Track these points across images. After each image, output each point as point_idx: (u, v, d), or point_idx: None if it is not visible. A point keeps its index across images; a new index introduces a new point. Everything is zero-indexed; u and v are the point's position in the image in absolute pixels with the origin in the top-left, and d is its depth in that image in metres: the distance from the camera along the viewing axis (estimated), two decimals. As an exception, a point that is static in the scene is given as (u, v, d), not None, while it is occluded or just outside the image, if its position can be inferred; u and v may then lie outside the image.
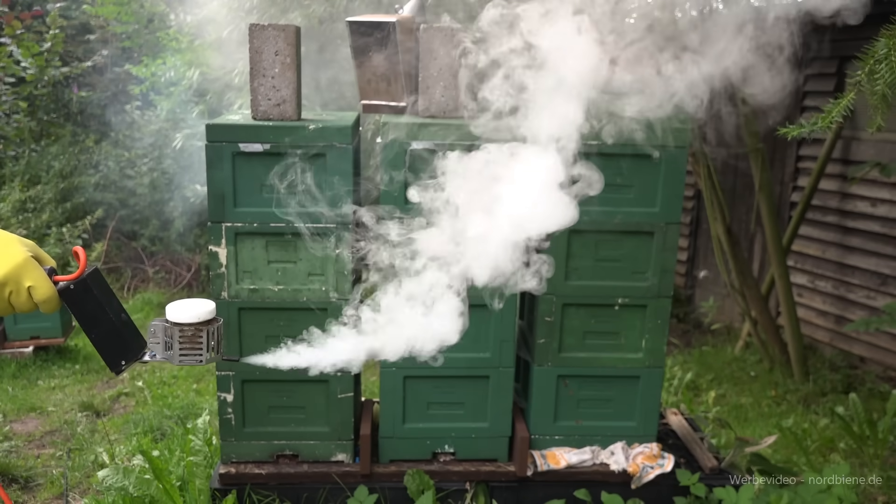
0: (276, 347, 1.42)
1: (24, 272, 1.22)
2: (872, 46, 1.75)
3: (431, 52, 2.47)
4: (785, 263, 4.38)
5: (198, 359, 1.35)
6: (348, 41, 2.61)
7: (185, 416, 3.61)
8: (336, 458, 2.59)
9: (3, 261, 1.21)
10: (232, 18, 4.80)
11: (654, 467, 2.57)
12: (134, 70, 7.66)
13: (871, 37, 1.77)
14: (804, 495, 2.41)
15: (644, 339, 2.59)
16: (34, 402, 3.89)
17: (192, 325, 1.34)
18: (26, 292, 1.24)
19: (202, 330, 1.34)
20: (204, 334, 1.34)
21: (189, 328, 1.34)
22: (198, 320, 1.34)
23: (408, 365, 2.56)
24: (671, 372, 4.36)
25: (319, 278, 2.45)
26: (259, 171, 2.37)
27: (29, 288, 1.24)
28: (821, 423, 3.72)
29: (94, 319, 1.31)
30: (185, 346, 1.34)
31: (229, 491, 2.50)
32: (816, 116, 1.80)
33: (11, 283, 1.22)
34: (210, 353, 1.35)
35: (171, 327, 1.34)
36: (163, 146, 7.30)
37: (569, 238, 2.50)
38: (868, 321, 3.52)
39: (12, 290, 1.23)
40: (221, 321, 1.39)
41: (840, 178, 4.58)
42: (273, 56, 2.38)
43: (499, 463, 2.62)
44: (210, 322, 1.35)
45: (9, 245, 1.23)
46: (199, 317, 1.34)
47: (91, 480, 3.06)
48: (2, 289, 1.22)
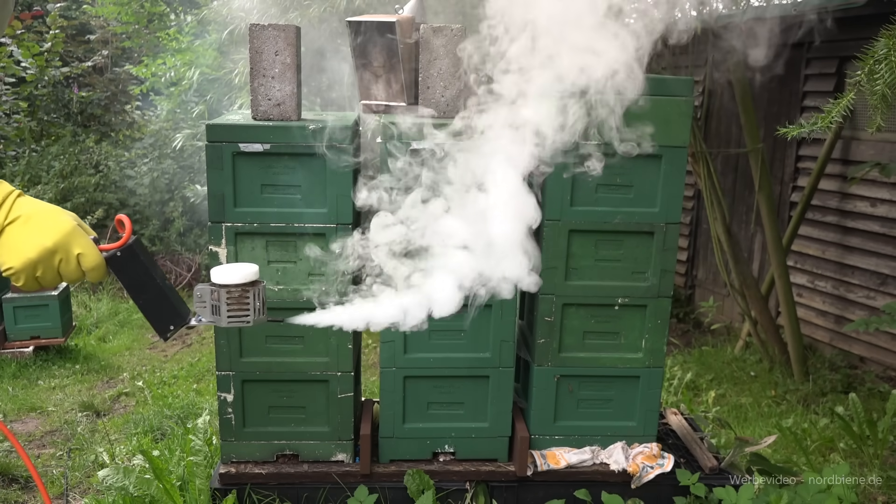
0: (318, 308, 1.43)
1: (73, 240, 1.25)
2: (872, 46, 1.75)
3: (431, 52, 2.47)
4: (785, 263, 4.39)
5: (245, 319, 1.36)
6: (348, 41, 2.62)
7: (185, 416, 3.61)
8: (336, 458, 2.59)
9: (53, 229, 1.23)
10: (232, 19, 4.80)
11: (654, 467, 2.57)
12: (134, 70, 7.66)
13: (871, 37, 1.77)
14: (804, 495, 2.41)
15: (644, 339, 2.59)
16: (34, 402, 3.90)
17: (238, 287, 1.35)
18: (75, 260, 1.25)
19: (248, 291, 1.35)
20: (250, 295, 1.35)
21: (236, 289, 1.35)
22: (244, 281, 1.35)
23: (408, 365, 2.56)
24: (671, 372, 4.36)
25: (319, 278, 2.45)
26: (259, 171, 2.37)
27: (78, 256, 1.25)
28: (821, 423, 3.72)
29: (141, 286, 1.33)
30: (233, 307, 1.35)
31: (229, 491, 2.50)
32: (816, 116, 1.80)
33: (61, 250, 1.24)
34: (256, 313, 1.37)
35: (218, 290, 1.35)
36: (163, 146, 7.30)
37: (569, 238, 2.50)
38: (868, 321, 3.52)
39: (62, 258, 1.25)
40: (265, 283, 1.39)
41: (840, 178, 4.58)
42: (273, 56, 2.38)
43: (499, 463, 2.62)
44: (255, 283, 1.37)
45: (57, 215, 1.25)
46: (245, 278, 1.35)
47: (91, 480, 3.06)
48: (52, 256, 1.23)
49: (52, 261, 1.25)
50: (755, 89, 5.16)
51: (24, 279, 1.26)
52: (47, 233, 1.24)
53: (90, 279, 1.29)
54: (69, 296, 4.71)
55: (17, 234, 1.23)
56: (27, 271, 1.24)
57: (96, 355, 4.69)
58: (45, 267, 1.25)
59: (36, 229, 1.23)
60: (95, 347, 4.87)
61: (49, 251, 1.23)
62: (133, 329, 5.34)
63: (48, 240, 1.23)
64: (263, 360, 2.51)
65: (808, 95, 4.81)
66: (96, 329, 5.28)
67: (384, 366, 2.54)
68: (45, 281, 1.27)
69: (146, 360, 4.75)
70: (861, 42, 1.80)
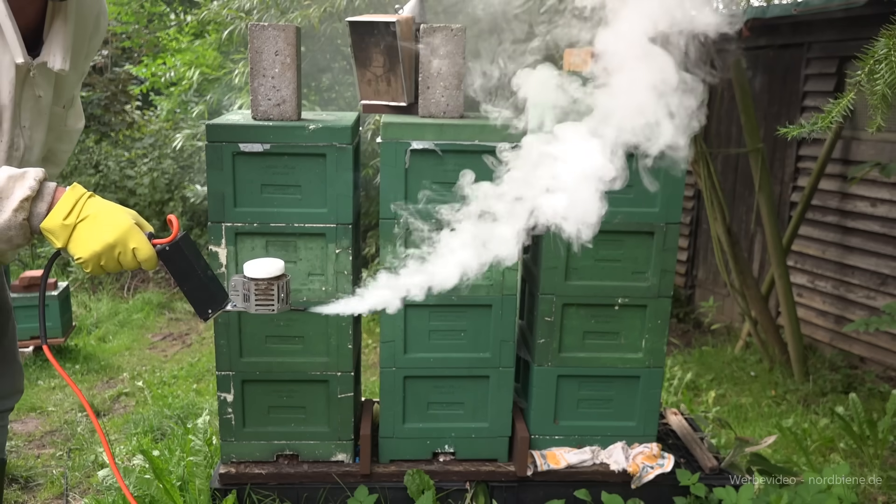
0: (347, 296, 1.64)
1: (130, 236, 1.49)
2: (872, 46, 1.75)
3: (431, 52, 2.47)
4: (785, 263, 4.39)
5: (270, 308, 1.57)
6: (348, 41, 2.62)
7: (185, 416, 3.61)
8: (336, 458, 2.59)
9: (114, 227, 1.48)
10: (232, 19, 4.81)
11: (654, 467, 2.57)
12: (134, 70, 7.66)
13: (871, 37, 1.77)
14: (804, 495, 2.41)
15: (644, 339, 2.59)
16: (34, 402, 3.90)
17: (265, 280, 1.57)
18: (131, 253, 1.49)
19: (273, 284, 1.57)
20: (275, 288, 1.57)
21: (262, 282, 1.57)
22: (269, 275, 1.57)
23: (408, 365, 2.56)
24: (671, 372, 4.36)
25: (319, 278, 2.45)
26: (259, 171, 2.37)
27: (133, 249, 1.49)
28: (821, 423, 3.72)
29: (186, 275, 1.55)
30: (260, 297, 1.57)
31: (229, 491, 2.50)
32: (816, 116, 1.80)
33: (120, 245, 1.48)
34: (280, 303, 1.58)
35: (248, 282, 1.57)
36: (163, 146, 7.30)
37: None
38: (868, 321, 3.52)
39: (121, 251, 1.49)
40: (290, 277, 1.63)
41: (840, 178, 4.58)
42: (273, 56, 2.38)
43: (499, 463, 2.62)
44: (280, 277, 1.59)
45: (117, 214, 1.50)
46: (271, 273, 1.57)
47: (91, 480, 3.06)
48: (112, 250, 1.48)
49: (112, 253, 1.48)
50: (755, 89, 5.16)
51: (91, 267, 1.50)
52: (109, 230, 1.48)
53: (145, 268, 1.52)
54: (69, 296, 4.70)
55: (85, 230, 1.47)
56: (93, 261, 1.48)
57: (96, 355, 4.69)
58: (108, 258, 1.49)
59: (100, 226, 1.47)
60: (95, 347, 4.87)
61: (110, 245, 1.48)
62: (133, 329, 5.34)
63: (109, 236, 1.47)
64: (263, 360, 2.51)
65: (808, 95, 4.82)
66: (96, 329, 5.28)
67: (384, 366, 2.54)
68: (109, 268, 1.51)
69: (146, 360, 4.75)
70: (861, 42, 1.79)
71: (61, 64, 1.71)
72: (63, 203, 1.47)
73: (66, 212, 1.47)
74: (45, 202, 1.48)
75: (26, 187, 1.46)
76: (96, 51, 2.01)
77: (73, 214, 1.47)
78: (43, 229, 1.48)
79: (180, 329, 5.41)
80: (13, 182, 1.46)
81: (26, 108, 1.72)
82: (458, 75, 2.49)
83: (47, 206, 1.48)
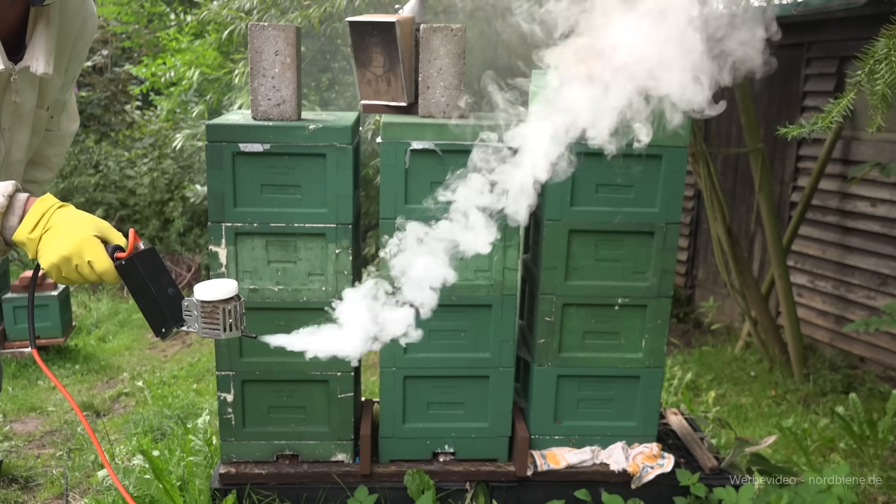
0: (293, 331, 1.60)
1: (86, 248, 1.46)
2: (872, 46, 1.75)
3: (431, 52, 2.47)
4: (785, 263, 4.39)
5: (216, 333, 1.51)
6: (348, 41, 2.62)
7: (185, 416, 3.61)
8: (336, 458, 2.59)
9: (70, 239, 1.46)
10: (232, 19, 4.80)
11: (654, 467, 2.57)
12: (134, 70, 7.66)
13: (871, 37, 1.77)
14: (804, 495, 2.41)
15: (644, 339, 2.59)
16: (34, 402, 3.90)
17: (210, 303, 1.51)
18: (87, 265, 1.47)
19: (219, 308, 1.50)
20: (220, 312, 1.50)
21: (208, 305, 1.51)
22: (215, 298, 1.50)
23: (408, 365, 2.56)
24: (671, 372, 4.36)
25: (319, 278, 2.45)
26: (259, 171, 2.37)
27: (89, 262, 1.47)
28: (821, 423, 3.72)
29: (141, 291, 1.52)
30: (206, 320, 1.51)
31: (229, 491, 2.50)
32: (816, 116, 1.80)
33: (75, 257, 1.46)
34: (228, 329, 1.52)
35: (196, 303, 1.52)
36: (163, 146, 7.30)
37: (569, 238, 2.50)
38: (868, 321, 3.52)
39: (77, 263, 1.47)
40: (242, 300, 1.54)
41: (840, 178, 4.58)
42: (273, 56, 2.38)
43: (499, 463, 2.62)
44: (228, 301, 1.52)
45: (77, 225, 1.48)
46: (219, 295, 1.51)
47: (91, 480, 3.06)
48: (69, 262, 1.47)
49: (70, 265, 1.47)
50: (755, 89, 5.16)
51: (55, 277, 1.50)
52: (65, 242, 1.46)
53: (105, 281, 1.50)
54: (69, 296, 4.70)
55: (47, 241, 1.47)
56: (54, 272, 1.48)
57: (96, 355, 4.69)
58: (67, 269, 1.48)
59: (58, 238, 1.47)
60: (95, 347, 4.87)
61: (65, 258, 1.46)
62: (133, 329, 5.34)
63: (65, 248, 1.46)
64: (263, 360, 2.51)
65: (808, 95, 4.81)
66: (96, 329, 5.28)
67: (384, 366, 2.54)
68: (72, 280, 1.50)
69: (146, 360, 4.75)
70: (861, 42, 1.79)
71: (44, 68, 1.72)
72: (30, 216, 1.49)
73: (33, 224, 1.48)
74: (15, 215, 1.49)
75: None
76: (85, 54, 2.02)
77: (38, 227, 1.48)
78: (15, 241, 1.50)
79: (180, 329, 5.40)
80: None
81: (7, 111, 1.74)
82: (458, 75, 2.49)
83: (18, 219, 1.49)
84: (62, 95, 1.98)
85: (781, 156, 5.05)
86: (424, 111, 2.52)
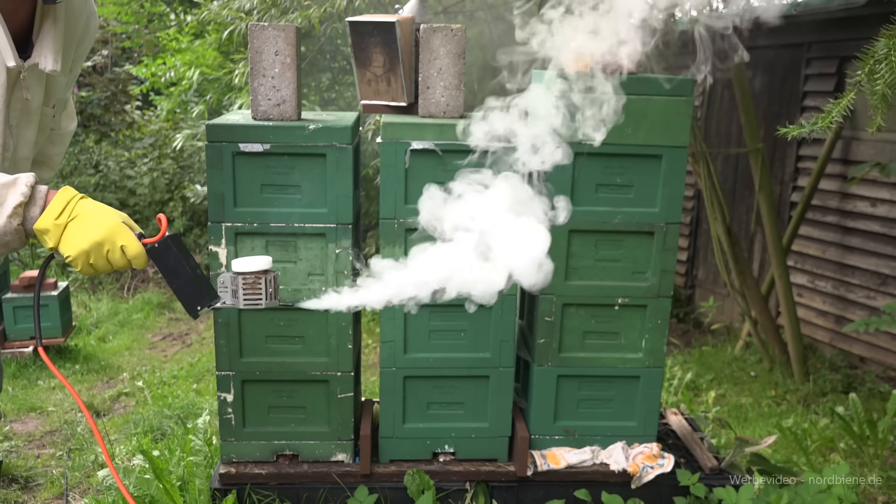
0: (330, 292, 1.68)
1: (118, 234, 1.52)
2: (872, 46, 1.75)
3: (431, 52, 2.47)
4: (785, 263, 4.39)
5: (258, 302, 1.60)
6: (348, 41, 2.62)
7: (185, 416, 3.61)
8: (336, 458, 2.59)
9: (102, 224, 1.51)
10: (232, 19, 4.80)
11: (654, 467, 2.57)
12: (134, 70, 7.66)
13: (871, 37, 1.77)
14: (804, 495, 2.41)
15: (644, 339, 2.59)
16: (34, 402, 3.90)
17: (252, 274, 1.59)
18: (120, 250, 1.52)
19: (261, 278, 1.60)
20: (262, 282, 1.60)
21: (250, 276, 1.59)
22: (257, 270, 1.60)
23: (408, 365, 2.56)
24: (671, 372, 4.36)
25: (319, 278, 2.45)
26: (259, 171, 2.37)
27: (122, 247, 1.52)
28: (821, 423, 3.72)
29: (175, 272, 1.58)
30: (248, 291, 1.60)
31: (229, 491, 2.50)
32: (816, 116, 1.80)
33: (108, 242, 1.51)
34: (268, 298, 1.61)
35: (236, 277, 1.60)
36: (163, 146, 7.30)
37: (569, 238, 2.50)
38: (868, 321, 3.52)
39: (109, 248, 1.51)
40: (277, 273, 1.64)
41: (840, 178, 4.58)
42: (273, 56, 2.38)
43: (499, 463, 2.62)
44: (267, 272, 1.61)
45: (106, 213, 1.53)
46: (258, 267, 1.60)
47: (91, 480, 3.06)
48: (101, 247, 1.51)
49: (101, 250, 1.51)
50: (755, 89, 5.16)
51: (80, 265, 1.52)
52: (97, 228, 1.50)
53: (135, 266, 1.55)
54: (69, 296, 4.70)
55: (74, 229, 1.50)
56: (82, 259, 1.51)
57: (96, 355, 4.69)
58: (96, 256, 1.51)
59: (89, 225, 1.51)
60: (95, 347, 4.87)
61: (97, 243, 1.50)
62: (133, 329, 5.34)
63: (98, 234, 1.50)
64: (263, 360, 2.51)
65: (808, 95, 4.82)
66: (96, 329, 5.28)
67: (384, 366, 2.54)
68: (98, 267, 1.54)
69: (146, 360, 4.75)
70: (861, 42, 1.79)
71: (53, 65, 1.74)
72: (55, 204, 1.52)
73: (58, 212, 1.51)
74: (37, 206, 1.52)
75: (19, 193, 1.50)
76: (86, 53, 2.04)
77: (64, 214, 1.51)
78: (36, 230, 1.52)
79: (180, 329, 5.41)
80: (6, 189, 1.50)
81: (15, 108, 1.76)
82: (458, 75, 2.49)
83: (40, 210, 1.52)
84: (64, 94, 2.00)
85: (781, 156, 5.05)
86: (424, 111, 2.52)
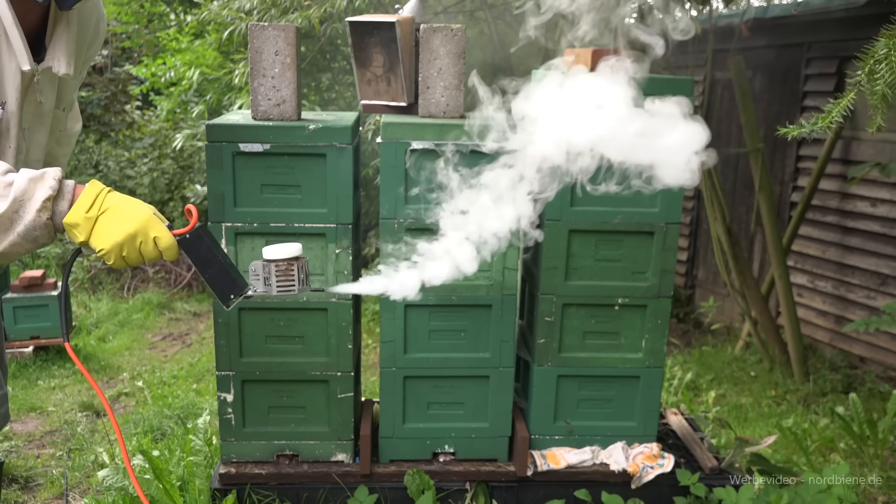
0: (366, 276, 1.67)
1: (151, 226, 1.53)
2: (872, 46, 1.75)
3: (431, 52, 2.47)
4: (785, 263, 4.39)
5: (292, 288, 1.61)
6: (348, 41, 2.62)
7: (185, 416, 3.61)
8: (336, 458, 2.59)
9: (135, 217, 1.52)
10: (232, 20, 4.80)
11: (654, 467, 2.57)
12: (134, 70, 7.66)
13: (871, 37, 1.77)
14: (804, 495, 2.41)
15: (644, 339, 2.59)
16: (34, 402, 3.90)
17: (284, 261, 1.60)
18: (153, 242, 1.53)
19: (293, 264, 1.61)
20: (295, 268, 1.61)
21: (282, 263, 1.60)
22: (289, 256, 1.61)
23: (408, 365, 2.56)
24: (671, 372, 4.36)
25: (319, 278, 2.45)
26: (259, 171, 2.37)
27: (154, 238, 1.53)
28: (821, 423, 3.72)
29: (207, 262, 1.59)
30: (281, 278, 1.60)
31: (229, 491, 2.50)
32: (816, 116, 1.80)
33: (141, 234, 1.52)
34: (301, 284, 1.62)
35: (268, 264, 1.61)
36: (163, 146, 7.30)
37: (569, 238, 2.50)
38: (868, 321, 3.52)
39: (142, 240, 1.52)
40: (307, 259, 1.65)
41: (840, 178, 4.58)
42: (273, 56, 2.38)
43: (499, 463, 2.62)
44: (298, 258, 1.63)
45: (138, 205, 1.54)
46: (290, 254, 1.61)
47: (91, 480, 3.06)
48: (134, 239, 1.52)
49: (134, 242, 1.52)
50: (755, 89, 5.16)
51: (113, 258, 1.52)
52: (130, 220, 1.51)
53: (166, 257, 1.56)
54: (69, 296, 4.70)
55: (107, 222, 1.51)
56: (115, 251, 1.51)
57: (96, 355, 4.69)
58: (129, 248, 1.52)
59: (122, 217, 1.51)
60: (95, 347, 4.87)
61: (131, 235, 1.51)
62: (133, 329, 5.34)
63: (131, 226, 1.51)
64: (263, 360, 2.51)
65: (808, 95, 4.82)
66: (96, 329, 5.28)
67: (384, 366, 2.54)
68: (130, 260, 1.54)
69: (146, 360, 4.75)
70: (861, 42, 1.79)
71: (66, 68, 1.75)
72: (84, 197, 1.51)
73: (89, 205, 1.51)
74: (66, 200, 1.52)
75: (47, 187, 1.50)
76: (95, 56, 2.05)
77: (94, 207, 1.51)
78: (66, 224, 1.51)
79: (180, 329, 5.41)
80: (34, 184, 1.49)
81: (28, 111, 1.76)
82: (458, 75, 2.49)
83: (68, 204, 1.52)
84: (74, 95, 2.01)
85: (781, 156, 5.05)
86: (424, 111, 2.52)
